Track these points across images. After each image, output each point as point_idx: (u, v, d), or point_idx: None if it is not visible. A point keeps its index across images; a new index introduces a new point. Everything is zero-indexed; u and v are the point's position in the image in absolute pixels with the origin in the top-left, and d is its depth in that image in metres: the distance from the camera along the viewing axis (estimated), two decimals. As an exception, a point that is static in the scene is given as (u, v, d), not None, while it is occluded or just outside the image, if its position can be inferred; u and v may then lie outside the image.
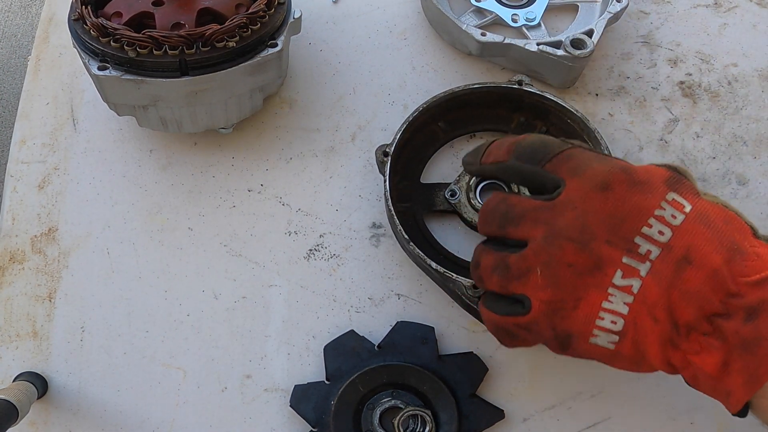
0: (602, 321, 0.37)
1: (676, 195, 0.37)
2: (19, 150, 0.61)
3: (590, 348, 0.39)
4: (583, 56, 0.58)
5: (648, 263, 0.36)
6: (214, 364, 0.54)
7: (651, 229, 0.36)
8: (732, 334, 0.35)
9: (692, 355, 0.36)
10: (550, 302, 0.38)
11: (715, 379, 0.36)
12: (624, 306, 0.37)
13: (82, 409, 0.53)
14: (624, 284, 0.37)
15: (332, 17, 0.67)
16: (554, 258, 0.38)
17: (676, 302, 0.36)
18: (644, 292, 0.36)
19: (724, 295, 0.35)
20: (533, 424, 0.52)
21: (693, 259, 0.36)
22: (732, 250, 0.36)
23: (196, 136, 0.61)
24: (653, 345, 0.37)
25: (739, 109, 0.63)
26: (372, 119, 0.62)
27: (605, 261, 0.37)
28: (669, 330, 0.36)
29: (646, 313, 0.36)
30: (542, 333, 0.40)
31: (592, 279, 0.37)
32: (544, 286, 0.38)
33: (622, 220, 0.37)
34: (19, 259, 0.57)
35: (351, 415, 0.50)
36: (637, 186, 0.38)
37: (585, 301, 0.37)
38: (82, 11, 0.51)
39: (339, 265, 0.57)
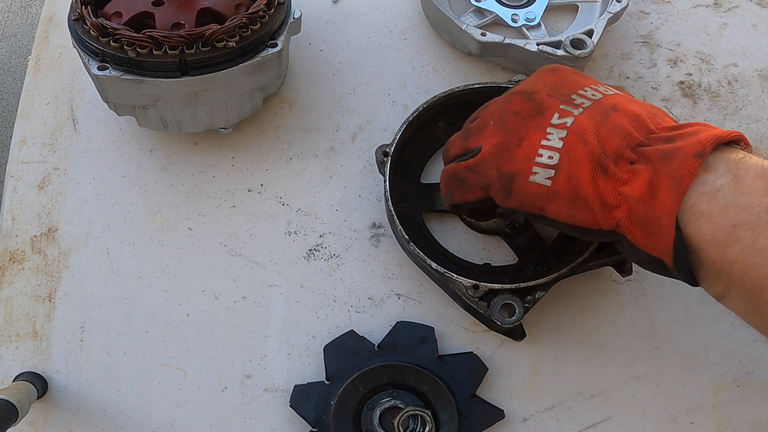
0: (540, 158, 0.42)
1: (613, 88, 0.45)
2: (19, 150, 0.61)
3: (530, 188, 0.42)
4: (583, 56, 0.58)
5: (581, 109, 0.42)
6: (214, 364, 0.54)
7: (586, 93, 0.44)
8: (653, 153, 0.38)
9: (622, 185, 0.39)
10: (498, 144, 0.44)
11: (645, 203, 0.38)
12: (559, 141, 0.42)
13: (82, 409, 0.53)
14: (560, 122, 0.42)
15: (332, 17, 0.67)
16: (504, 109, 0.45)
17: (604, 134, 0.40)
18: (576, 124, 0.42)
19: (645, 132, 0.40)
20: (533, 424, 0.52)
21: (619, 108, 0.42)
22: (653, 113, 0.42)
23: (196, 136, 0.61)
24: (584, 170, 0.40)
25: (739, 109, 0.63)
26: (372, 119, 0.62)
27: (546, 107, 0.43)
28: (598, 152, 0.40)
29: (578, 140, 0.41)
30: (487, 173, 0.44)
31: (534, 122, 0.43)
32: (494, 133, 0.45)
33: (563, 84, 0.45)
34: (19, 259, 0.57)
35: (351, 415, 0.50)
36: (578, 73, 0.47)
37: (527, 141, 0.43)
38: (82, 11, 0.51)
39: (339, 265, 0.57)
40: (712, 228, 0.35)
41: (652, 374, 0.53)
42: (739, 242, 0.34)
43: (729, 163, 0.36)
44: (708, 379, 0.53)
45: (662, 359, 0.53)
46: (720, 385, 0.53)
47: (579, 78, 0.46)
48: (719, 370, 0.53)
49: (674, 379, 0.53)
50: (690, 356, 0.53)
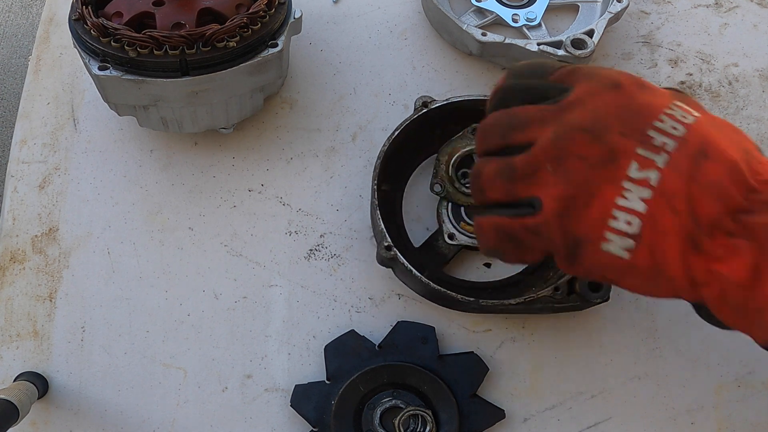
0: (616, 222, 0.34)
1: (682, 104, 0.36)
2: (19, 150, 0.61)
3: (601, 258, 0.35)
4: (583, 56, 0.58)
5: (665, 154, 0.34)
6: (214, 364, 0.54)
7: (664, 124, 0.35)
8: (761, 230, 0.32)
9: (717, 263, 0.33)
10: (562, 199, 0.35)
11: (745, 290, 0.32)
12: (640, 203, 0.34)
13: (83, 408, 0.53)
14: (640, 177, 0.34)
15: (333, 17, 0.67)
16: (565, 151, 0.35)
17: (696, 195, 0.33)
18: (663, 183, 0.33)
19: (745, 189, 0.33)
20: (534, 424, 0.52)
21: (710, 154, 0.34)
22: (745, 151, 0.35)
23: (197, 136, 0.61)
24: (672, 247, 0.33)
25: (740, 109, 0.63)
26: (373, 119, 0.62)
27: (619, 152, 0.34)
28: (690, 225, 0.33)
29: (665, 206, 0.33)
30: (552, 237, 0.36)
31: (606, 172, 0.34)
32: (555, 182, 0.36)
33: (635, 113, 0.35)
34: (20, 259, 0.57)
35: (351, 414, 0.50)
36: (646, 88, 0.37)
37: (598, 198, 0.34)
38: (82, 11, 0.51)
39: (339, 265, 0.57)
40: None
41: (653, 374, 0.53)
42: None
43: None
44: (709, 379, 0.53)
45: (663, 359, 0.53)
46: (721, 385, 0.53)
47: (649, 97, 0.36)
48: (720, 370, 0.53)
49: (675, 379, 0.53)
50: (691, 356, 0.53)
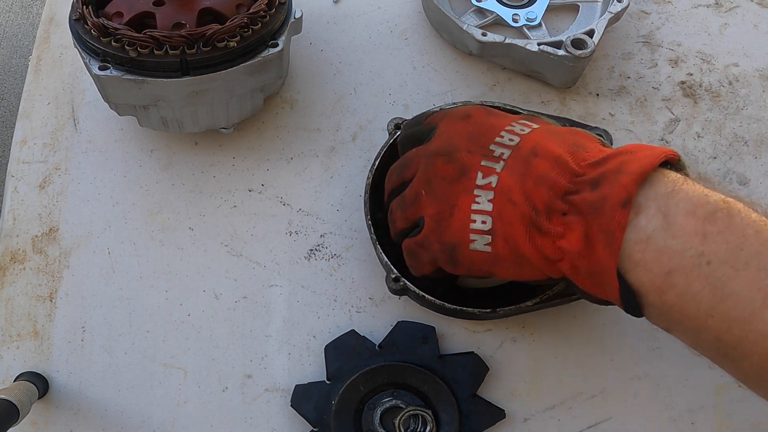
0: (474, 224, 0.41)
1: (526, 121, 0.45)
2: (20, 150, 0.61)
3: (473, 255, 0.42)
4: (584, 56, 0.58)
5: (502, 162, 0.42)
6: (214, 364, 0.54)
7: (503, 138, 0.43)
8: (582, 203, 0.38)
9: (560, 239, 0.39)
10: (434, 215, 0.43)
11: (585, 258, 0.38)
12: (488, 203, 0.41)
13: (83, 408, 0.53)
14: (485, 183, 0.42)
15: (333, 17, 0.67)
16: (431, 174, 0.44)
17: (530, 187, 0.40)
18: (501, 184, 0.41)
19: (570, 175, 0.39)
20: (534, 424, 0.52)
21: (539, 152, 0.41)
22: (574, 145, 0.41)
23: (197, 136, 0.61)
24: (520, 233, 0.40)
25: (740, 109, 0.63)
26: (373, 119, 0.62)
27: (468, 166, 0.43)
28: (528, 211, 0.40)
29: (506, 201, 0.41)
30: (432, 247, 0.44)
31: (461, 185, 0.43)
32: (429, 202, 0.44)
33: (479, 135, 0.44)
34: (20, 259, 0.57)
35: (352, 414, 0.50)
36: (492, 114, 0.46)
37: (458, 208, 0.42)
38: (83, 11, 0.51)
39: (340, 265, 0.57)
40: (649, 276, 0.35)
41: (653, 374, 0.53)
42: (675, 288, 0.35)
43: (659, 199, 0.36)
44: (709, 379, 0.53)
45: (663, 359, 0.53)
46: (721, 385, 0.53)
47: (493, 120, 0.45)
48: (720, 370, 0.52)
49: (675, 379, 0.53)
50: (691, 356, 0.53)
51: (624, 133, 0.62)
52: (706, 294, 0.34)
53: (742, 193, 0.59)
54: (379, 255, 0.51)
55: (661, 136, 0.62)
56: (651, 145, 0.39)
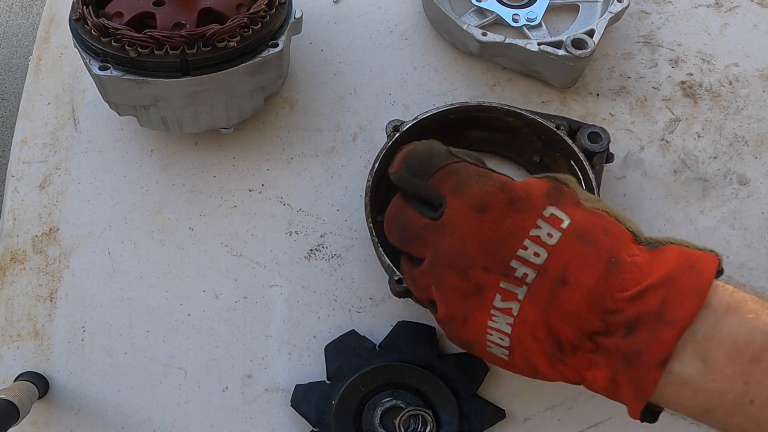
0: (491, 336, 0.39)
1: (554, 209, 0.38)
2: (20, 150, 0.61)
3: (489, 356, 0.40)
4: (584, 56, 0.58)
5: (525, 287, 0.37)
6: (215, 364, 0.54)
7: (527, 252, 0.37)
8: (614, 350, 0.35)
9: (583, 370, 0.37)
10: (446, 315, 0.40)
11: (609, 392, 0.37)
12: (507, 326, 0.38)
13: (83, 408, 0.53)
14: (504, 307, 0.37)
15: (333, 17, 0.67)
16: (440, 280, 0.40)
17: (554, 323, 0.36)
18: (523, 314, 0.37)
19: (602, 312, 0.35)
20: (534, 424, 0.52)
21: (568, 280, 0.36)
22: (609, 263, 0.36)
23: (197, 136, 0.61)
24: (541, 361, 0.38)
25: (741, 109, 0.63)
26: (373, 119, 0.62)
27: (484, 286, 0.38)
28: (552, 348, 0.37)
29: (527, 334, 0.37)
30: (449, 334, 0.42)
31: (475, 301, 0.38)
32: (440, 301, 0.40)
33: (498, 244, 0.37)
34: (20, 259, 0.57)
35: (352, 414, 0.50)
36: (514, 205, 0.38)
37: (473, 319, 0.39)
38: (83, 11, 0.51)
39: (340, 265, 0.57)
40: (684, 411, 0.35)
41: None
42: (714, 419, 0.34)
43: (697, 341, 0.33)
44: (709, 379, 0.53)
45: (663, 359, 0.53)
46: (721, 385, 0.52)
47: (516, 219, 0.38)
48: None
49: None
50: (691, 356, 0.53)
51: (624, 133, 0.62)
52: (749, 428, 0.34)
53: (743, 194, 0.59)
54: (381, 258, 0.51)
55: (661, 136, 0.62)
56: (694, 252, 0.36)
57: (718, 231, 0.58)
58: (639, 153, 0.61)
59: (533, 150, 0.58)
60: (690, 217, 0.59)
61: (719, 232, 0.58)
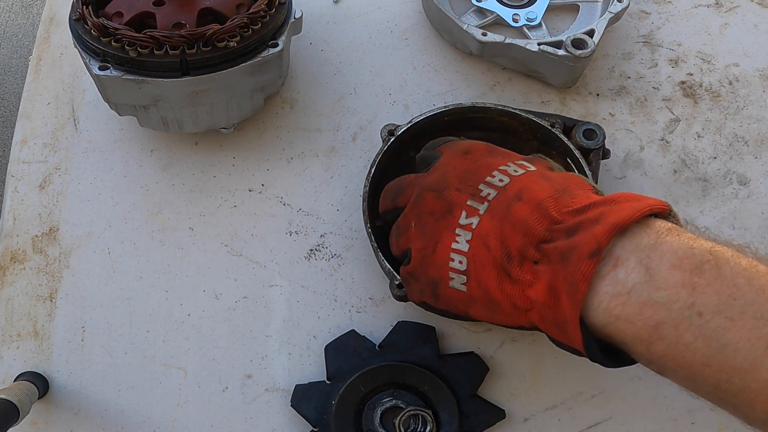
0: (453, 263, 0.41)
1: (525, 162, 0.43)
2: (20, 150, 0.61)
3: (451, 293, 0.42)
4: (584, 56, 0.58)
5: (486, 203, 0.41)
6: (215, 364, 0.54)
7: (493, 178, 0.42)
8: (552, 252, 0.37)
9: (528, 288, 0.38)
10: (420, 249, 0.43)
11: (550, 308, 0.37)
12: (466, 244, 0.41)
13: (83, 408, 0.53)
14: (466, 223, 0.41)
15: (333, 17, 0.67)
16: (420, 209, 0.44)
17: (506, 233, 0.39)
18: (480, 226, 0.40)
19: (548, 222, 0.38)
20: (534, 424, 0.52)
21: (523, 197, 0.40)
22: (561, 191, 0.40)
23: (197, 136, 0.61)
24: (491, 277, 0.39)
25: (741, 108, 0.63)
26: (373, 119, 0.62)
27: (455, 204, 0.42)
28: (501, 257, 0.39)
29: (481, 244, 0.40)
30: (420, 280, 0.44)
31: (445, 222, 0.42)
32: (417, 236, 0.44)
33: (472, 172, 0.43)
34: (20, 259, 0.57)
35: (352, 414, 0.50)
36: (492, 152, 0.45)
37: (440, 244, 0.42)
38: (83, 11, 0.51)
39: (340, 265, 0.57)
40: (632, 328, 0.34)
41: (654, 374, 0.53)
42: (664, 339, 0.33)
43: (641, 251, 0.34)
44: (709, 379, 0.53)
45: (663, 359, 0.53)
46: (721, 385, 0.53)
47: (491, 159, 0.44)
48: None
49: (675, 379, 0.53)
50: (691, 356, 0.53)
51: (624, 133, 0.62)
52: (700, 344, 0.32)
53: (743, 193, 0.59)
54: (382, 263, 0.51)
55: (661, 136, 0.62)
56: (643, 196, 0.37)
57: (718, 231, 0.58)
58: (639, 153, 0.61)
59: (529, 149, 0.58)
60: (690, 217, 0.59)
61: (719, 232, 0.58)
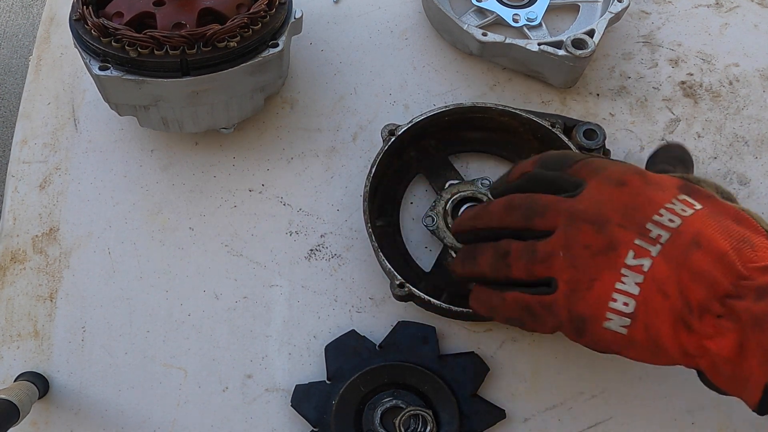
0: (615, 303, 0.39)
1: (687, 197, 0.40)
2: (20, 150, 0.61)
3: (604, 333, 0.40)
4: (584, 56, 0.58)
5: (659, 245, 0.38)
6: (215, 364, 0.54)
7: (662, 218, 0.39)
8: (744, 313, 0.35)
9: (707, 339, 0.36)
10: (569, 281, 0.40)
11: (732, 364, 0.36)
12: (635, 287, 0.38)
13: (83, 408, 0.53)
14: (635, 264, 0.38)
15: (333, 17, 0.67)
16: (573, 240, 0.40)
17: (686, 282, 0.37)
18: (654, 270, 0.38)
19: (734, 277, 0.36)
20: (534, 424, 0.52)
21: (702, 244, 0.37)
22: (741, 240, 0.37)
23: (198, 136, 0.61)
24: (665, 325, 0.37)
25: (741, 109, 0.63)
26: (373, 119, 0.62)
27: (619, 242, 0.39)
28: (680, 307, 0.37)
29: (656, 290, 0.37)
30: (560, 314, 0.41)
31: (607, 259, 0.39)
32: (565, 267, 0.40)
33: (635, 208, 0.39)
34: (21, 259, 0.57)
35: (352, 414, 0.50)
36: (650, 185, 0.41)
37: (599, 282, 0.39)
38: (83, 11, 0.51)
39: (340, 265, 0.57)
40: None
41: (654, 374, 0.53)
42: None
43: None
44: (709, 379, 0.53)
45: (663, 359, 0.53)
46: (721, 385, 0.53)
47: (651, 192, 0.40)
48: (720, 370, 0.53)
49: (675, 378, 0.53)
50: (691, 356, 0.53)
51: (624, 133, 0.62)
52: None
53: (743, 193, 0.59)
54: (382, 263, 0.51)
55: (661, 136, 0.62)
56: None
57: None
58: (639, 153, 0.61)
59: (530, 149, 0.58)
60: (690, 217, 0.59)
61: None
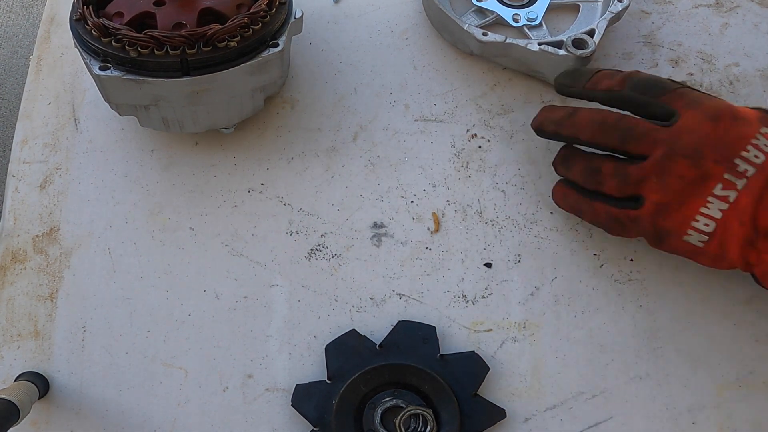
0: (697, 223, 0.46)
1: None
2: (20, 150, 0.61)
3: (681, 244, 0.47)
4: (584, 56, 0.58)
5: (744, 179, 0.45)
6: (215, 364, 0.54)
7: (749, 153, 0.45)
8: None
9: (765, 254, 0.44)
10: (659, 203, 0.47)
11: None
12: (719, 212, 0.45)
13: (84, 408, 0.53)
14: (722, 194, 0.45)
15: (333, 17, 0.67)
16: (668, 169, 0.46)
17: (760, 212, 0.44)
18: (738, 201, 0.44)
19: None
20: (535, 424, 0.52)
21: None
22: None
23: (198, 136, 0.61)
24: (735, 245, 0.45)
25: (741, 108, 0.63)
26: (373, 119, 0.62)
27: (710, 175, 0.45)
28: (750, 232, 0.44)
29: (735, 218, 0.44)
30: (644, 226, 0.48)
31: (697, 189, 0.45)
32: (657, 190, 0.47)
33: (727, 144, 0.45)
34: (21, 259, 0.57)
35: (352, 414, 0.50)
36: (738, 120, 0.47)
37: (686, 206, 0.46)
38: (83, 11, 0.51)
39: (340, 265, 0.57)
40: None
41: (654, 374, 0.53)
42: None
43: None
44: (710, 378, 0.53)
45: (664, 359, 0.53)
46: (722, 384, 0.53)
47: (741, 128, 0.46)
48: (721, 370, 0.53)
49: (676, 378, 0.53)
50: (692, 356, 0.53)
51: (624, 132, 0.62)
52: None
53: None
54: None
55: (661, 135, 0.62)
56: None
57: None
58: (639, 153, 0.61)
59: None
60: (690, 216, 0.59)
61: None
